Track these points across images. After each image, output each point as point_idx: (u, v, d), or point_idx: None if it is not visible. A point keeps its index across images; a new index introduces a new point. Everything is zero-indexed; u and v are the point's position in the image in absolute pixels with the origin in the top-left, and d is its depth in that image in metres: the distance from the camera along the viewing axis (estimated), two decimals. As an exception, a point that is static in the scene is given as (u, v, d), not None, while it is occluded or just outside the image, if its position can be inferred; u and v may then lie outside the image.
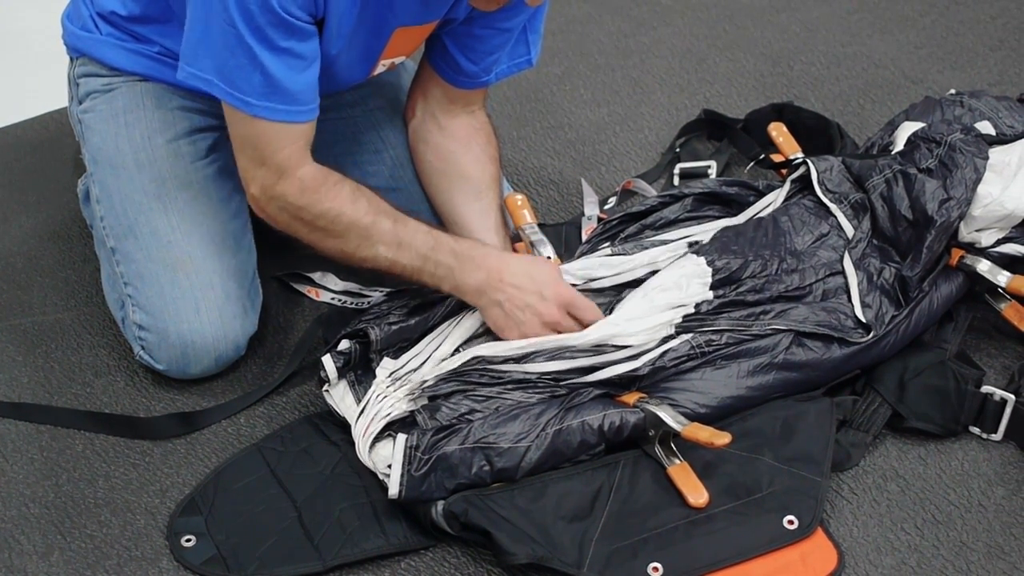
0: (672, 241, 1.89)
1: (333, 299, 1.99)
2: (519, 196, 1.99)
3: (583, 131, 2.40)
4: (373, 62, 1.80)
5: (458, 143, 1.93)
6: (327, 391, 1.76)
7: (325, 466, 1.70)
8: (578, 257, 1.89)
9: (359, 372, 1.76)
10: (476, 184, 1.92)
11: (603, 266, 1.84)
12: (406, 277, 1.76)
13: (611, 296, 1.82)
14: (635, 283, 1.82)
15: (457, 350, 1.74)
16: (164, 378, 1.87)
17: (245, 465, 1.73)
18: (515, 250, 1.93)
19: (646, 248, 1.87)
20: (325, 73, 1.71)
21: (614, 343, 1.72)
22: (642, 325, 1.73)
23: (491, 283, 1.72)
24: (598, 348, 1.71)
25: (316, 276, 2.01)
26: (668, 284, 1.79)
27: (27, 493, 1.73)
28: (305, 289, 2.01)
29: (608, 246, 1.89)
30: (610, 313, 1.77)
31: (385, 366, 1.73)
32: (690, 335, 1.73)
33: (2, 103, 2.52)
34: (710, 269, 1.80)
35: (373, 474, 1.66)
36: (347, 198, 1.72)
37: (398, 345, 1.76)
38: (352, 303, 1.97)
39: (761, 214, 1.96)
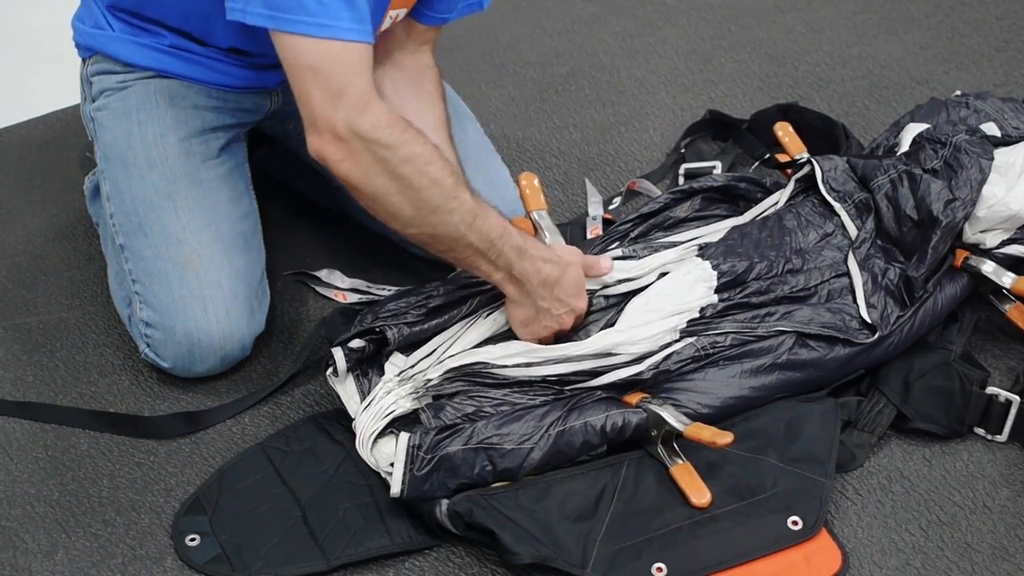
0: (682, 243, 1.89)
1: (361, 298, 1.98)
2: (535, 178, 1.97)
3: (588, 131, 2.40)
4: (383, 12, 1.77)
5: (409, 77, 1.92)
6: (331, 375, 1.75)
7: (329, 465, 1.70)
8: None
9: (365, 365, 1.75)
10: (427, 123, 1.86)
11: (616, 271, 1.83)
12: (458, 258, 1.69)
13: (617, 300, 1.82)
14: (641, 289, 1.82)
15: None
16: (169, 377, 1.88)
17: (249, 464, 1.73)
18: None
19: (656, 251, 1.87)
20: None
21: (618, 351, 1.72)
22: (646, 332, 1.73)
23: (542, 291, 1.71)
24: (602, 354, 1.71)
25: (323, 274, 2.02)
26: (672, 290, 1.79)
27: (32, 492, 1.73)
28: (332, 293, 2.01)
29: (618, 246, 1.89)
30: (615, 319, 1.77)
31: (395, 362, 1.73)
32: (694, 338, 1.73)
33: (7, 102, 2.53)
34: (715, 273, 1.80)
35: (377, 474, 1.66)
36: (433, 150, 1.62)
37: (410, 342, 1.76)
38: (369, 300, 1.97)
39: (766, 213, 1.96)
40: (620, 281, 1.82)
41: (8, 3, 2.85)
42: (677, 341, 1.74)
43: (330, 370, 1.75)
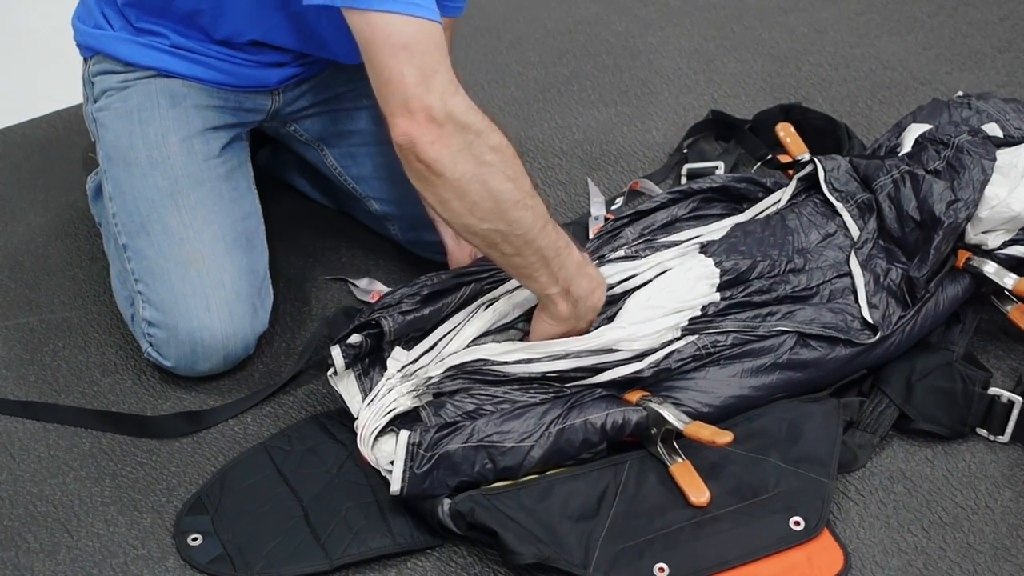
0: (683, 242, 1.89)
1: None
2: None
3: (590, 131, 2.40)
4: None
5: None
6: (332, 376, 1.75)
7: (332, 465, 1.70)
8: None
9: (366, 363, 1.76)
10: None
11: (617, 272, 1.83)
12: (521, 264, 1.63)
13: (616, 298, 1.81)
14: (642, 285, 1.82)
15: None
16: (171, 377, 1.88)
17: (252, 464, 1.73)
18: None
19: (657, 250, 1.87)
20: None
21: (619, 347, 1.72)
22: (648, 329, 1.73)
23: (590, 313, 1.71)
24: (603, 350, 1.71)
25: (363, 283, 2.01)
26: (675, 286, 1.79)
27: (34, 491, 1.73)
28: (370, 296, 2.00)
29: (623, 248, 1.88)
30: (616, 314, 1.77)
31: (397, 357, 1.72)
32: (695, 336, 1.73)
33: (10, 102, 2.53)
34: (718, 270, 1.80)
35: (379, 473, 1.66)
36: (513, 148, 1.58)
37: (411, 336, 1.76)
38: None
39: (768, 211, 1.96)
40: (621, 281, 1.82)
41: (10, 3, 2.85)
42: (678, 339, 1.74)
43: (331, 371, 1.75)
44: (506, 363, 1.68)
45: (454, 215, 1.58)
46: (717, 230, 1.92)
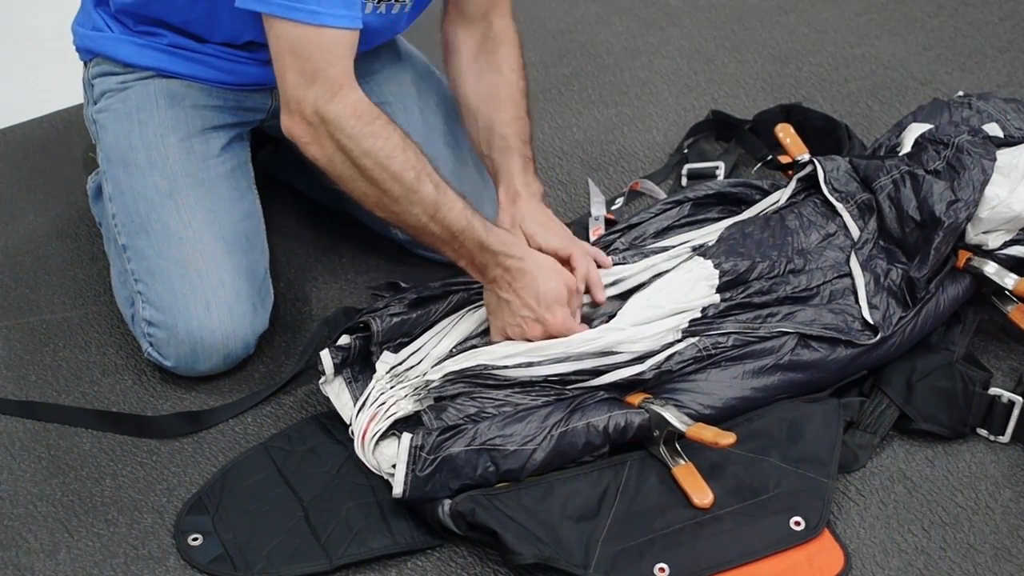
0: (673, 247, 1.89)
1: None
2: None
3: (591, 131, 2.40)
4: None
5: (479, 47, 1.92)
6: (323, 383, 1.76)
7: (332, 465, 1.70)
8: None
9: (356, 369, 1.76)
10: (500, 99, 1.90)
11: (606, 275, 1.83)
12: (425, 242, 1.75)
13: (616, 299, 1.82)
14: (641, 287, 1.82)
15: (453, 351, 1.74)
16: (171, 377, 1.88)
17: (252, 464, 1.73)
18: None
19: (647, 256, 1.87)
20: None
21: (619, 349, 1.72)
22: (648, 331, 1.73)
23: (502, 285, 1.72)
24: (603, 352, 1.71)
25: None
26: (673, 288, 1.79)
27: (34, 491, 1.73)
28: None
29: (612, 256, 1.88)
30: (613, 316, 1.77)
31: (385, 360, 1.73)
32: (696, 338, 1.73)
33: (11, 102, 2.53)
34: (717, 272, 1.80)
35: (379, 474, 1.66)
36: (398, 144, 1.67)
37: (399, 340, 1.76)
38: None
39: (766, 212, 1.96)
40: (608, 285, 1.82)
41: (11, 3, 2.85)
42: (679, 341, 1.74)
43: (322, 379, 1.75)
44: (506, 367, 1.68)
45: (353, 198, 1.71)
46: (711, 233, 1.91)
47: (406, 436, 1.60)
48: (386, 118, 1.68)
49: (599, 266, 1.83)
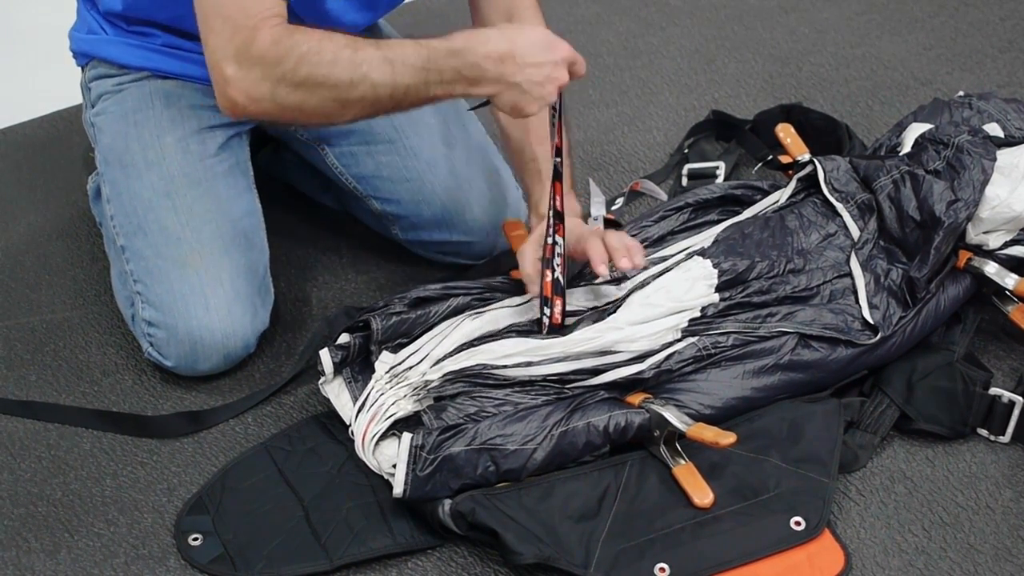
0: (672, 255, 1.88)
1: None
2: (523, 226, 1.96)
3: (591, 132, 2.40)
4: None
5: (501, 10, 1.87)
6: (323, 383, 1.76)
7: (332, 465, 1.70)
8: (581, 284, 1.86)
9: (356, 369, 1.76)
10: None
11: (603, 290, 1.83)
12: (415, 102, 1.63)
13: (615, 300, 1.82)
14: (639, 286, 1.82)
15: (455, 351, 1.74)
16: (172, 377, 1.88)
17: (252, 464, 1.73)
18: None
19: (644, 267, 1.86)
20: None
21: (617, 348, 1.71)
22: (646, 331, 1.73)
23: (506, 72, 1.61)
24: (602, 352, 1.71)
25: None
26: (672, 286, 1.79)
27: (35, 491, 1.73)
28: None
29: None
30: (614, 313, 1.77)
31: (385, 360, 1.73)
32: (696, 338, 1.73)
33: (11, 102, 2.53)
34: (716, 271, 1.80)
35: (380, 473, 1.66)
36: (322, 34, 1.58)
37: (397, 340, 1.76)
38: None
39: (766, 212, 1.96)
40: (611, 282, 1.82)
41: (11, 3, 2.85)
42: (679, 340, 1.74)
43: (322, 380, 1.75)
44: (505, 367, 1.68)
45: (326, 126, 1.65)
46: (710, 237, 1.91)
47: (406, 436, 1.60)
48: (303, 27, 1.59)
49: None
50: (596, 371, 1.70)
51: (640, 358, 1.71)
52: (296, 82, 1.57)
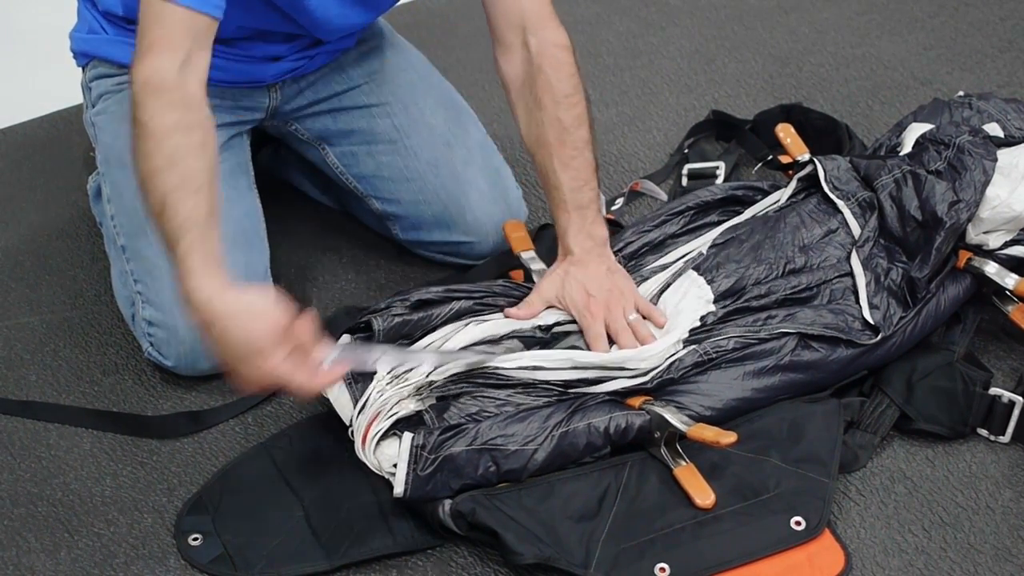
0: (671, 264, 1.88)
1: None
2: (522, 227, 1.96)
3: (591, 131, 2.40)
4: None
5: (522, 80, 1.81)
6: None
7: (332, 465, 1.70)
8: None
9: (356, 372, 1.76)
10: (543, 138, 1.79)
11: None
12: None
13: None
14: None
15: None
16: (172, 377, 1.88)
17: (252, 464, 1.73)
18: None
19: (645, 278, 1.86)
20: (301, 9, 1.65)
21: (627, 365, 1.71)
22: (655, 349, 1.72)
23: (207, 327, 1.51)
24: (609, 367, 1.71)
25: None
26: (670, 304, 1.79)
27: (35, 491, 1.73)
28: None
29: None
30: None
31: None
32: (696, 345, 1.73)
33: (11, 102, 2.53)
34: (710, 287, 1.80)
35: (380, 473, 1.66)
36: (184, 147, 1.54)
37: (398, 342, 1.76)
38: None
39: (765, 212, 1.95)
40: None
41: (11, 3, 2.85)
42: (680, 350, 1.74)
43: None
44: (508, 368, 1.68)
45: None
46: (707, 242, 1.90)
47: (407, 435, 1.60)
48: (197, 109, 1.57)
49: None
50: (599, 380, 1.70)
51: (644, 372, 1.71)
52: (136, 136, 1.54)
